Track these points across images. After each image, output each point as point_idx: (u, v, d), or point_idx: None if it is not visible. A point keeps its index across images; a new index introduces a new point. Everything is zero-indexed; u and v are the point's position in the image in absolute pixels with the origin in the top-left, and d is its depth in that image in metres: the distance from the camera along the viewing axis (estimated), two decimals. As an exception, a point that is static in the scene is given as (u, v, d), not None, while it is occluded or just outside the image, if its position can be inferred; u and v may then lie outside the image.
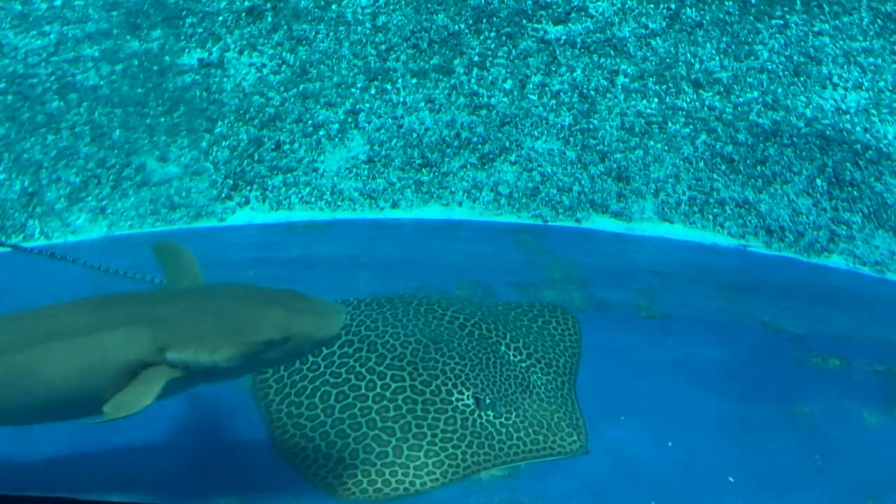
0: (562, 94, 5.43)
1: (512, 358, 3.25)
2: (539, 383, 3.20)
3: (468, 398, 3.08)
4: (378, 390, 3.12)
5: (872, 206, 4.77)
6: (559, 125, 5.23)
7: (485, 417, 3.05)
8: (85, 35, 5.80)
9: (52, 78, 5.49)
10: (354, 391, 3.13)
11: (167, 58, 5.64)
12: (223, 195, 4.79)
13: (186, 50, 5.70)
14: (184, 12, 5.99)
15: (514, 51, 5.73)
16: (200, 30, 5.86)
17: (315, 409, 3.12)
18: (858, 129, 5.21)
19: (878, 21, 5.94)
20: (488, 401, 3.08)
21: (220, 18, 5.95)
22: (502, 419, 3.06)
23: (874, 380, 3.40)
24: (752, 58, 5.67)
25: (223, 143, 5.09)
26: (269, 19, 5.95)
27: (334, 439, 3.02)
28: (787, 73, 5.55)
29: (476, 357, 3.20)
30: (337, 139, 5.15)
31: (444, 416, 3.05)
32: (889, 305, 4.20)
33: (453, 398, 3.08)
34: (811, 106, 5.33)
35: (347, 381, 3.17)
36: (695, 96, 5.42)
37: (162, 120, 5.22)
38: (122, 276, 3.80)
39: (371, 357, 3.21)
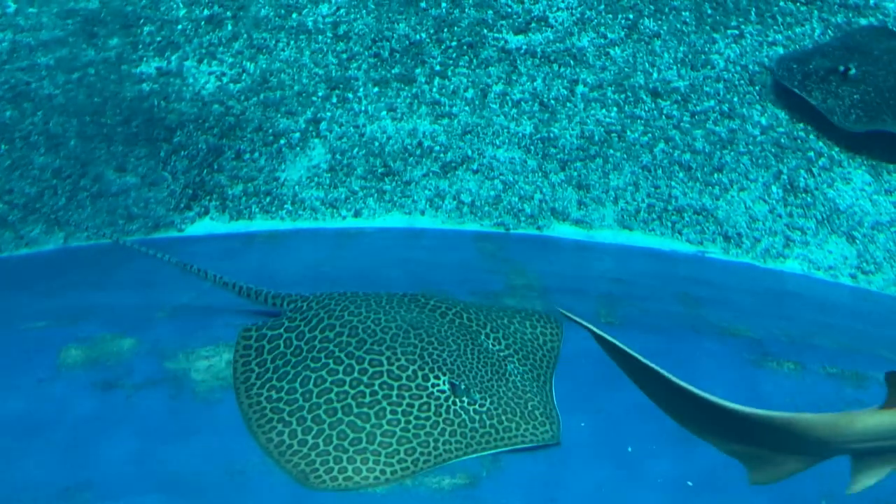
0: (523, 103, 5.47)
1: (490, 347, 3.26)
2: (515, 372, 3.20)
3: (444, 384, 3.07)
4: (356, 375, 3.11)
5: (825, 212, 4.88)
6: (520, 134, 5.27)
7: (459, 404, 3.04)
8: (39, 43, 5.71)
9: (6, 87, 5.38)
10: (332, 375, 3.12)
11: (125, 66, 5.57)
12: (182, 205, 4.74)
13: (144, 58, 5.64)
14: (142, 20, 5.93)
15: (475, 60, 5.76)
16: (159, 38, 5.80)
17: (294, 394, 3.11)
18: (812, 136, 5.32)
19: (829, 32, 6.09)
20: (463, 386, 3.07)
21: (179, 27, 5.90)
22: (476, 406, 3.06)
23: (828, 382, 3.47)
24: (709, 67, 5.78)
25: (182, 153, 5.04)
26: (229, 28, 5.91)
27: (310, 425, 3.01)
28: (742, 82, 5.66)
29: (454, 343, 3.20)
30: (298, 148, 5.13)
31: (418, 402, 3.05)
32: (842, 309, 4.30)
33: (429, 384, 3.07)
34: (766, 114, 5.44)
35: (326, 365, 3.16)
36: (653, 105, 5.50)
37: (119, 129, 5.15)
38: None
39: (351, 342, 3.21)
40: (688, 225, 4.76)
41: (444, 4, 6.17)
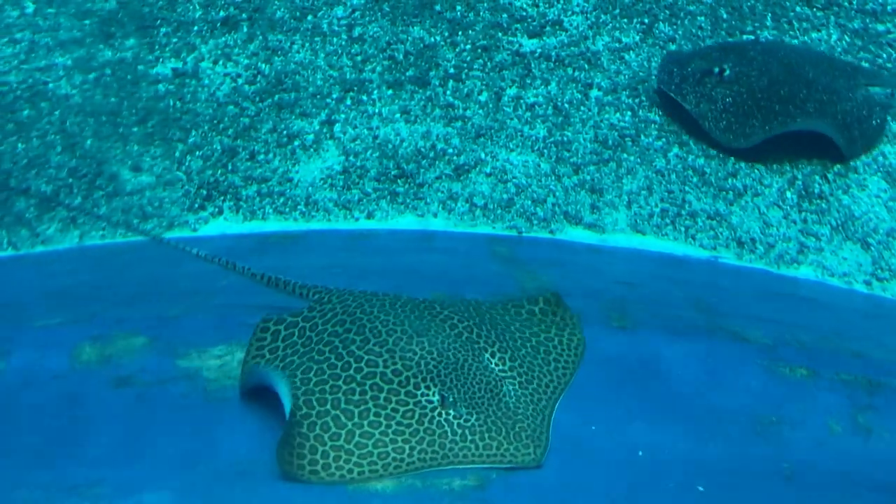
0: (536, 106, 5.47)
1: (491, 365, 3.27)
2: (512, 394, 3.20)
3: (433, 395, 3.09)
4: (351, 372, 3.15)
5: (840, 219, 4.85)
6: (534, 137, 5.27)
7: (444, 416, 3.06)
8: (57, 43, 5.77)
9: (24, 86, 5.44)
10: (331, 370, 3.17)
11: (141, 67, 5.62)
12: (196, 205, 4.77)
13: (160, 59, 5.68)
14: (158, 21, 5.97)
15: (489, 63, 5.77)
16: (175, 39, 5.84)
17: (293, 379, 3.16)
18: (826, 141, 5.29)
19: (846, 38, 6.06)
20: (451, 399, 3.09)
21: (195, 28, 5.94)
22: (461, 420, 3.07)
23: (840, 389, 3.44)
24: (724, 72, 5.75)
25: (197, 153, 5.07)
26: (245, 29, 5.95)
27: (298, 410, 3.06)
28: (757, 87, 5.62)
29: (454, 356, 3.21)
30: (312, 150, 5.15)
31: (403, 408, 3.07)
32: (856, 316, 4.27)
33: (419, 392, 3.09)
34: (781, 120, 5.40)
35: (328, 359, 3.21)
36: (668, 109, 5.48)
37: (135, 129, 5.19)
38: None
39: (356, 339, 3.25)
40: (701, 230, 4.75)
41: (458, 8, 6.18)
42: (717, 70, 5.11)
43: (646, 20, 6.13)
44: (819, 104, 4.99)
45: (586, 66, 5.76)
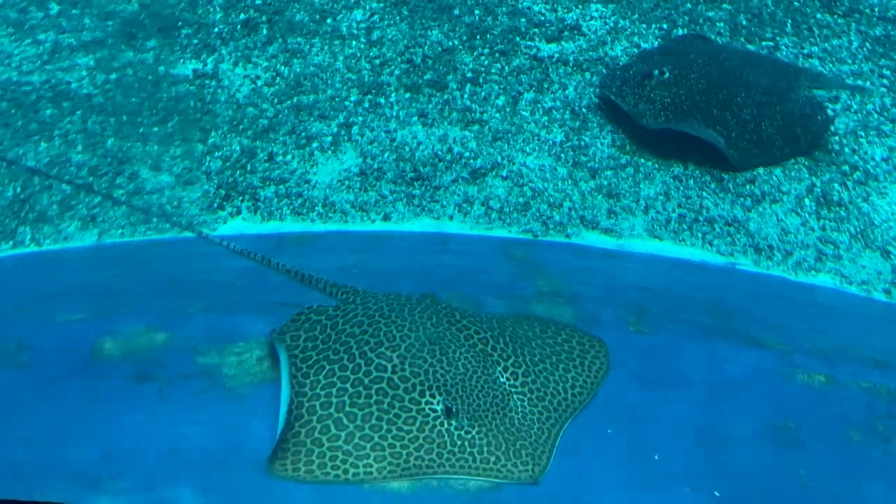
0: (554, 110, 5.48)
1: (501, 379, 3.26)
2: (518, 409, 3.19)
3: (437, 404, 3.10)
4: (360, 375, 3.18)
5: (859, 226, 4.82)
6: (551, 141, 5.27)
7: (445, 426, 3.07)
8: (80, 44, 5.83)
9: (47, 86, 5.50)
10: (342, 371, 3.21)
11: (162, 68, 5.67)
12: (215, 205, 4.80)
13: (181, 60, 5.74)
14: (179, 23, 6.03)
15: (507, 67, 5.78)
16: (196, 41, 5.90)
17: (305, 379, 3.20)
18: (847, 150, 5.28)
19: (867, 45, 6.04)
20: (454, 410, 3.10)
21: (216, 30, 6.00)
22: (462, 431, 3.07)
23: (859, 397, 3.43)
24: (743, 78, 5.73)
25: (216, 154, 5.11)
26: (265, 32, 5.99)
27: (302, 412, 3.10)
28: (776, 94, 5.61)
29: (463, 367, 3.22)
30: (330, 151, 5.18)
31: (406, 414, 3.09)
32: (875, 324, 4.24)
33: (423, 400, 3.11)
34: (800, 127, 5.38)
35: (340, 360, 3.25)
36: (685, 115, 5.46)
37: (155, 129, 5.24)
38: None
39: (370, 341, 3.28)
40: (718, 236, 4.73)
41: (477, 12, 6.21)
42: (656, 73, 5.15)
43: (664, 26, 6.13)
44: (758, 106, 5.04)
45: (604, 71, 5.76)
